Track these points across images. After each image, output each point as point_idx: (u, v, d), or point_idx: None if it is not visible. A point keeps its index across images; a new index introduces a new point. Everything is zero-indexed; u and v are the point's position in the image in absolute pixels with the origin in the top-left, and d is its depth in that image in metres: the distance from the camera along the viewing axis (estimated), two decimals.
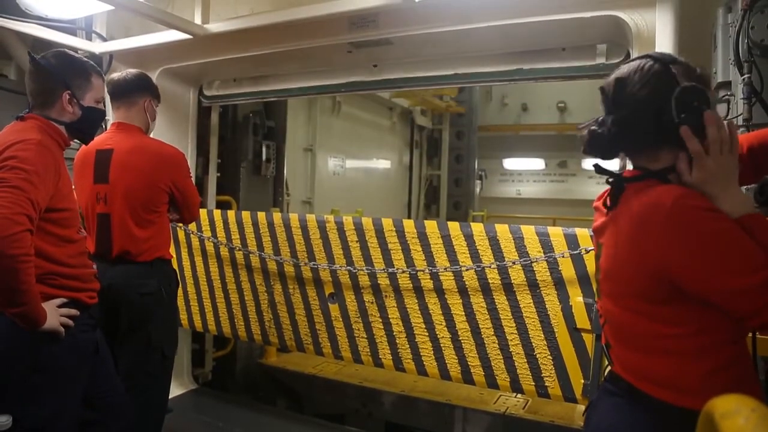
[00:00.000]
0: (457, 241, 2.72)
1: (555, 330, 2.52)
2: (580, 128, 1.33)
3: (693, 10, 2.21)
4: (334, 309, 3.08)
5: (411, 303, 2.85)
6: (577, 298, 2.47)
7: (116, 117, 2.53)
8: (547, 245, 2.53)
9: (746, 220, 1.14)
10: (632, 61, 1.30)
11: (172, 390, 3.16)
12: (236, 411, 3.67)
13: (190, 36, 2.94)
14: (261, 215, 3.34)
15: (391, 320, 2.90)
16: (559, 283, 2.51)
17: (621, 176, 1.31)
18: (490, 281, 2.65)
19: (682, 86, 1.19)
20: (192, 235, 3.52)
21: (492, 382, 2.67)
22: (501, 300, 2.63)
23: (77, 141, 2.07)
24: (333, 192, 6.68)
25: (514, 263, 2.58)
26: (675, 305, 1.18)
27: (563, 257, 2.49)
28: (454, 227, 2.77)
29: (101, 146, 2.44)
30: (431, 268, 2.77)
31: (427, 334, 2.81)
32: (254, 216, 3.35)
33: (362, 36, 2.81)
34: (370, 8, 2.58)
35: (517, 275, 2.59)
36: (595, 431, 1.34)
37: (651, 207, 1.16)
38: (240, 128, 4.67)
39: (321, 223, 3.11)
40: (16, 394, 1.78)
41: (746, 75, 1.79)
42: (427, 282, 2.80)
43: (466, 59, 2.99)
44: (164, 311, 2.49)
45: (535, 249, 2.56)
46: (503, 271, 2.62)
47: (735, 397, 0.64)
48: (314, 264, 3.10)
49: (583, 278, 2.46)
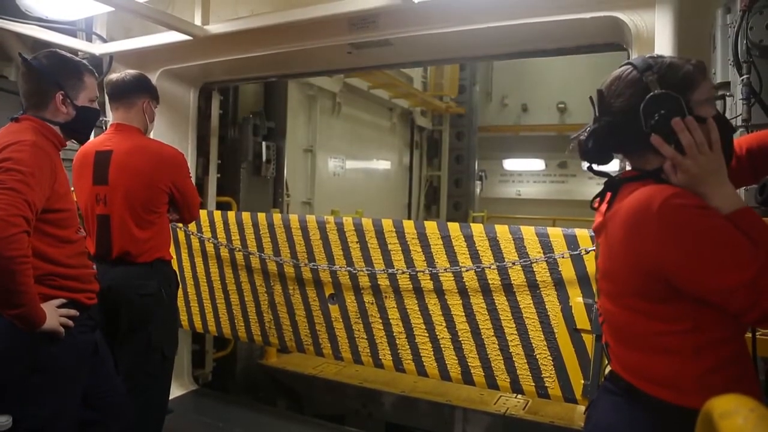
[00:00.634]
0: (457, 242, 2.72)
1: (555, 330, 2.52)
2: (572, 139, 1.38)
3: (692, 11, 2.21)
4: (334, 310, 3.08)
5: (411, 304, 2.85)
6: (577, 299, 2.47)
7: (115, 118, 2.53)
8: (547, 246, 2.53)
9: (737, 216, 1.15)
10: (618, 69, 1.32)
11: (173, 391, 3.16)
12: (236, 412, 3.67)
13: (191, 37, 2.94)
14: (261, 216, 3.34)
15: (391, 321, 2.90)
16: (559, 284, 2.51)
17: (617, 177, 1.33)
18: (490, 282, 2.65)
19: (650, 96, 1.21)
20: (192, 236, 3.52)
21: (492, 383, 2.67)
22: (501, 301, 2.63)
23: (74, 141, 2.07)
24: (333, 193, 6.67)
25: (514, 264, 2.58)
26: (672, 303, 1.18)
27: (563, 258, 2.49)
28: (454, 228, 2.77)
29: (100, 147, 2.44)
30: (431, 269, 2.77)
31: (427, 335, 2.81)
32: (254, 217, 3.35)
33: (362, 37, 2.82)
34: (370, 9, 2.58)
35: (517, 276, 2.59)
36: (594, 430, 1.34)
37: (642, 206, 1.17)
38: (240, 129, 4.68)
39: (321, 224, 3.11)
40: (16, 395, 1.78)
41: (745, 75, 1.80)
42: (427, 283, 2.80)
43: (466, 59, 2.99)
44: (164, 312, 2.49)
45: (535, 250, 2.56)
46: (503, 272, 2.62)
47: (734, 397, 0.64)
48: (314, 265, 3.10)
49: (583, 279, 2.46)
